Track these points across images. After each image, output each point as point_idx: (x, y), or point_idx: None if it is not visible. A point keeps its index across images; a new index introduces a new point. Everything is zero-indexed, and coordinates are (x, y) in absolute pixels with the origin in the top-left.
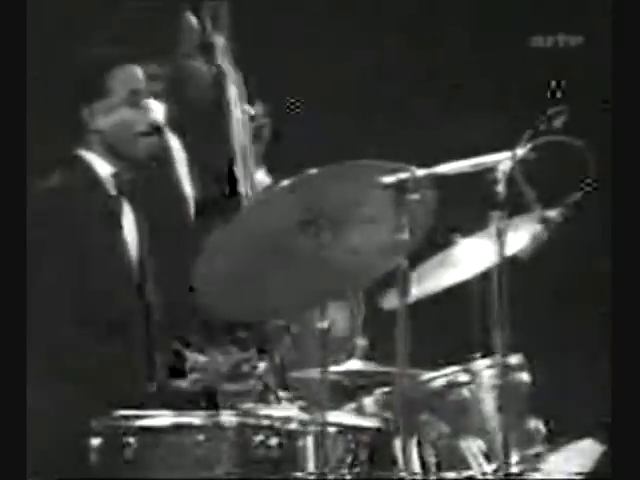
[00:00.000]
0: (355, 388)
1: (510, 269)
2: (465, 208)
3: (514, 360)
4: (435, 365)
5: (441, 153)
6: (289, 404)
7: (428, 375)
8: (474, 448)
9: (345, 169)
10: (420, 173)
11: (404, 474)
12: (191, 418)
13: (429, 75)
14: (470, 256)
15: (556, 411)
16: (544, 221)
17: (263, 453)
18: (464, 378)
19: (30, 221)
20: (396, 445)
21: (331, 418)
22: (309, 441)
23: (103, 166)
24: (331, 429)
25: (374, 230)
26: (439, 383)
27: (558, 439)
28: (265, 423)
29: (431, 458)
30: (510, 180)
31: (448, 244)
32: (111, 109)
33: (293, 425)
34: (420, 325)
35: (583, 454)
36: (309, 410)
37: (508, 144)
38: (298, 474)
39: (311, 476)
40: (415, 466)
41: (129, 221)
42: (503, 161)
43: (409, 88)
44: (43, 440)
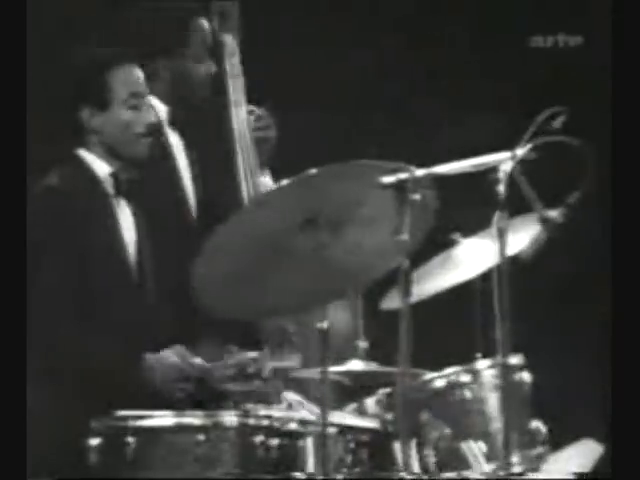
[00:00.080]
0: (356, 388)
1: (511, 269)
2: (466, 208)
3: (515, 360)
4: (436, 365)
5: (441, 153)
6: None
7: (429, 375)
8: (475, 449)
9: (345, 169)
10: (420, 173)
11: (404, 474)
12: (191, 418)
13: (429, 75)
14: (471, 256)
15: (556, 411)
16: (544, 221)
17: (263, 453)
18: (465, 378)
19: (28, 221)
20: (396, 446)
21: (332, 418)
22: (309, 441)
23: (101, 166)
24: (331, 429)
25: (374, 230)
26: (440, 383)
27: (558, 439)
28: (265, 423)
29: (431, 458)
30: (511, 180)
31: (449, 244)
32: (110, 110)
33: (293, 425)
34: (421, 325)
35: (583, 454)
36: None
37: (508, 144)
38: (298, 474)
39: (311, 476)
40: (415, 466)
41: (127, 221)
42: (504, 161)
43: (409, 88)
44: (43, 440)
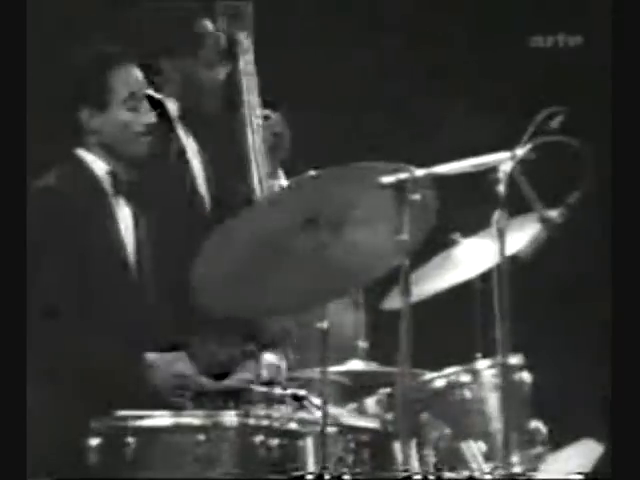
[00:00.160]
0: (356, 388)
1: (511, 269)
2: (466, 208)
3: (515, 360)
4: (436, 365)
5: (441, 153)
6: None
7: (429, 375)
8: (474, 449)
9: (346, 171)
10: (419, 173)
11: (404, 474)
12: (191, 418)
13: (429, 75)
14: (471, 256)
15: (556, 411)
16: (544, 221)
17: (263, 453)
18: (465, 378)
19: (28, 220)
20: (396, 446)
21: (332, 418)
22: (309, 441)
23: (100, 165)
24: (331, 429)
25: (374, 230)
26: (440, 383)
27: (558, 439)
28: (265, 423)
29: (431, 458)
30: (510, 180)
31: (449, 244)
32: (109, 110)
33: (293, 425)
34: (421, 325)
35: (583, 454)
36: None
37: (508, 144)
38: (298, 474)
39: (311, 476)
40: (415, 466)
41: (127, 220)
42: (504, 161)
43: (409, 88)
44: (43, 440)
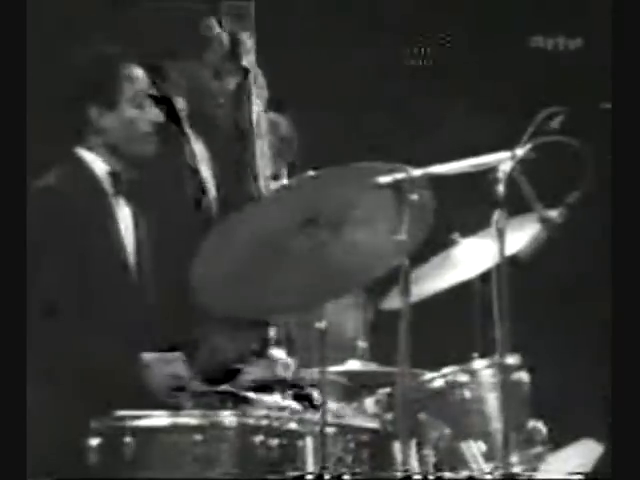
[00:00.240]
0: (356, 388)
1: (510, 269)
2: (465, 208)
3: (513, 360)
4: (436, 365)
5: (441, 153)
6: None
7: (429, 375)
8: (474, 449)
9: (345, 171)
10: (416, 173)
11: (403, 474)
12: (190, 418)
13: (429, 75)
14: (470, 256)
15: (556, 411)
16: (544, 221)
17: (263, 453)
18: (464, 378)
19: (27, 220)
20: (396, 445)
21: (331, 418)
22: (309, 441)
23: (101, 165)
24: (331, 429)
25: (373, 230)
26: (440, 383)
27: (558, 439)
28: (264, 423)
29: (431, 458)
30: (510, 180)
31: (448, 244)
32: (118, 108)
33: (293, 425)
34: (420, 325)
35: (583, 454)
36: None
37: (507, 144)
38: (298, 474)
39: (311, 476)
40: (414, 466)
41: (127, 220)
42: (503, 161)
43: (409, 88)
44: (43, 440)
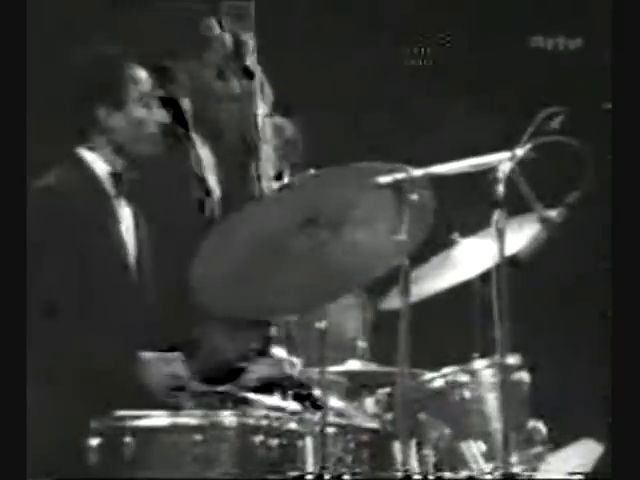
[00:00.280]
0: (356, 388)
1: (510, 269)
2: (465, 208)
3: (513, 360)
4: (436, 365)
5: (441, 153)
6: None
7: (429, 375)
8: (474, 448)
9: (345, 170)
10: (416, 173)
11: (404, 474)
12: (190, 418)
13: (429, 75)
14: (470, 256)
15: (556, 411)
16: (544, 221)
17: (263, 453)
18: (464, 378)
19: (28, 220)
20: (396, 445)
21: (334, 417)
22: (308, 441)
23: (102, 166)
24: (331, 429)
25: (373, 230)
26: (439, 383)
27: (558, 439)
28: (264, 423)
29: (431, 458)
30: (510, 180)
31: (448, 244)
32: (126, 108)
33: (293, 425)
34: (420, 325)
35: (583, 454)
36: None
37: (507, 144)
38: (297, 474)
39: (311, 476)
40: (414, 466)
41: (127, 221)
42: (503, 161)
43: (409, 88)
44: (43, 440)
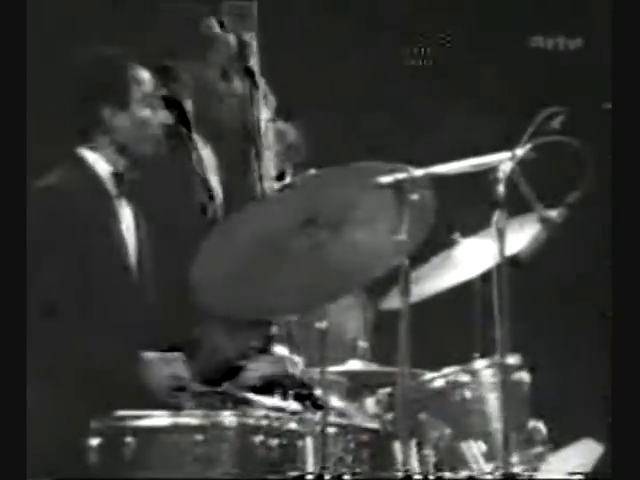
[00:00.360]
0: (356, 388)
1: (510, 269)
2: (465, 208)
3: (513, 360)
4: (436, 365)
5: (441, 153)
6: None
7: (429, 375)
8: (474, 449)
9: (346, 170)
10: (417, 173)
11: (404, 474)
12: (190, 418)
13: (429, 75)
14: (470, 256)
15: (556, 411)
16: (544, 221)
17: (263, 453)
18: (465, 378)
19: (28, 221)
20: (396, 445)
21: (335, 417)
22: (309, 441)
23: (103, 166)
24: (331, 429)
25: (374, 230)
26: (440, 383)
27: (558, 439)
28: (264, 423)
29: (431, 458)
30: (510, 180)
31: (449, 244)
32: (130, 108)
33: (293, 425)
34: (421, 325)
35: (583, 454)
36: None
37: (508, 144)
38: (298, 474)
39: (310, 476)
40: (415, 466)
41: (128, 221)
42: (503, 161)
43: (409, 88)
44: (43, 440)
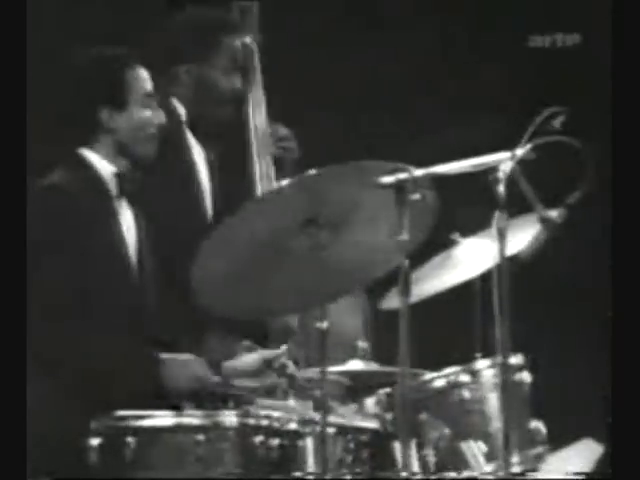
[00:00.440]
0: (357, 388)
1: (511, 269)
2: (466, 208)
3: (514, 360)
4: (436, 365)
5: (441, 153)
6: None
7: (429, 375)
8: (475, 449)
9: (346, 169)
10: (419, 173)
11: (404, 474)
12: (191, 418)
13: (429, 75)
14: (471, 256)
15: (556, 411)
16: (544, 221)
17: (264, 453)
18: (465, 378)
19: (29, 220)
20: (396, 446)
21: (332, 418)
22: (309, 441)
23: (105, 166)
24: (331, 429)
25: (374, 230)
26: (440, 383)
27: (558, 439)
28: (265, 423)
29: (431, 458)
30: (510, 180)
31: (449, 244)
32: (128, 109)
33: (293, 425)
34: (421, 325)
35: (583, 454)
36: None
37: (508, 144)
38: (298, 474)
39: (311, 476)
40: (415, 466)
41: (129, 221)
42: (504, 161)
43: (409, 88)
44: (43, 440)
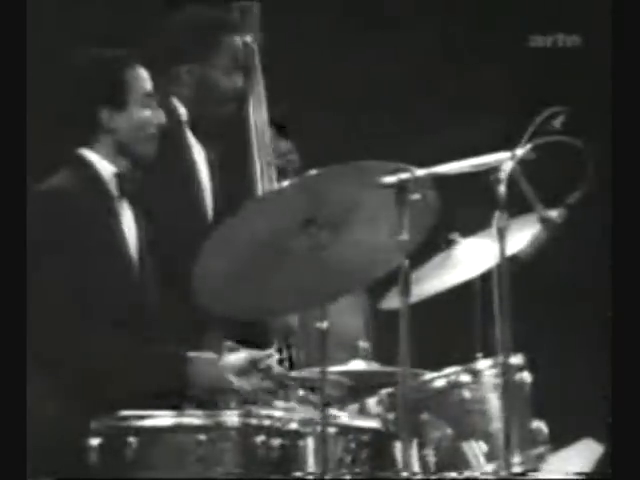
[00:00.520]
0: (358, 388)
1: (511, 269)
2: (466, 208)
3: (515, 360)
4: (437, 365)
5: (442, 153)
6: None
7: (430, 375)
8: (476, 449)
9: (347, 170)
10: (420, 173)
11: (404, 474)
12: (192, 418)
13: (429, 75)
14: (471, 256)
15: (556, 411)
16: (544, 221)
17: (265, 453)
18: (466, 378)
19: (30, 220)
20: (397, 446)
21: (332, 418)
22: (310, 441)
23: (106, 166)
24: (332, 429)
25: (374, 230)
26: (441, 383)
27: (558, 439)
28: (267, 423)
29: (432, 458)
30: (511, 180)
31: (449, 244)
32: (128, 109)
33: (294, 425)
34: (421, 325)
35: (583, 454)
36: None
37: (508, 144)
38: (299, 474)
39: (311, 476)
40: (415, 466)
41: (129, 221)
42: (504, 161)
43: (409, 88)
44: (43, 440)
